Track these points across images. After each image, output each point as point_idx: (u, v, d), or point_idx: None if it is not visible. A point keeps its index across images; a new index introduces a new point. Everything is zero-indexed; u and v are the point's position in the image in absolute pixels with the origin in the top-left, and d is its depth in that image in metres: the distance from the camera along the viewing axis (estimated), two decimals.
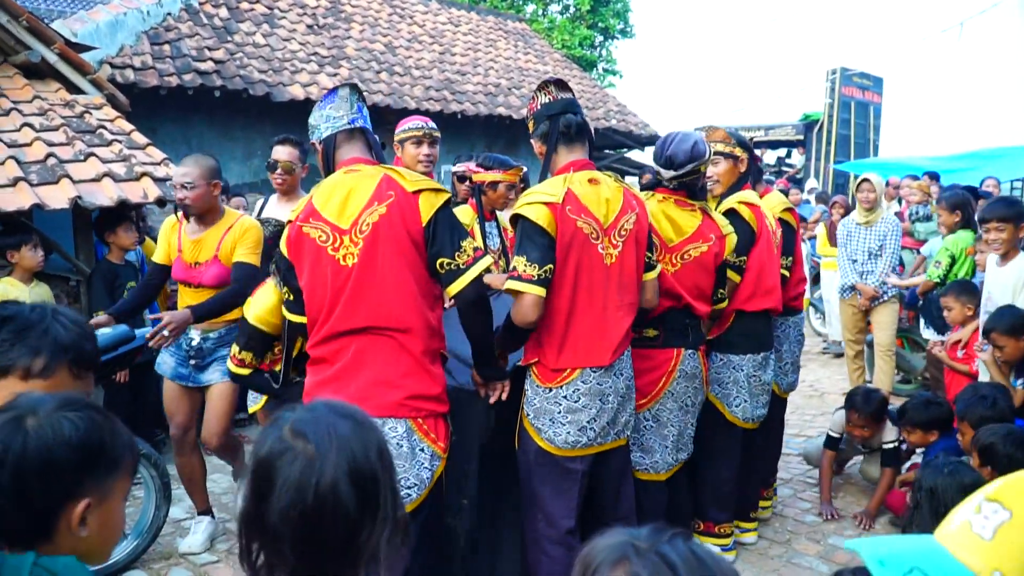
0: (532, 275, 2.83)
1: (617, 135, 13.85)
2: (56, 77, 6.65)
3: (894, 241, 6.50)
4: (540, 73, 13.99)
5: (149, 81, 8.35)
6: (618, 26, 23.14)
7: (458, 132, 11.52)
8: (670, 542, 1.03)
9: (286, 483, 1.22)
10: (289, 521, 1.22)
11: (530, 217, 2.87)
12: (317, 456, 1.24)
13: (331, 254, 2.62)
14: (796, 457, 5.47)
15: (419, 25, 13.57)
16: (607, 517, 3.19)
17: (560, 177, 2.98)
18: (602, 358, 2.98)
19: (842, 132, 17.51)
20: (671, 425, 3.54)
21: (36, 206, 4.82)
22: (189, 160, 3.98)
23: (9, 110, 5.84)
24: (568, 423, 2.96)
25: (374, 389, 2.59)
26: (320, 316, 2.66)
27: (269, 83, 9.32)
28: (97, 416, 1.35)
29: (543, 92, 3.09)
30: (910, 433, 4.44)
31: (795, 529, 4.46)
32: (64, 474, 1.28)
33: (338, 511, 1.23)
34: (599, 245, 2.95)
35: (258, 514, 1.25)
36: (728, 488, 4.00)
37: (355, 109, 2.82)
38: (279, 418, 1.32)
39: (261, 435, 1.31)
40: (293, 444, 1.25)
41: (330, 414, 1.31)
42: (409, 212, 2.62)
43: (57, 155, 5.36)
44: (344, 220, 2.62)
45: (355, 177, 2.70)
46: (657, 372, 3.49)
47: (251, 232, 4.05)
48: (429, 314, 2.69)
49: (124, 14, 9.06)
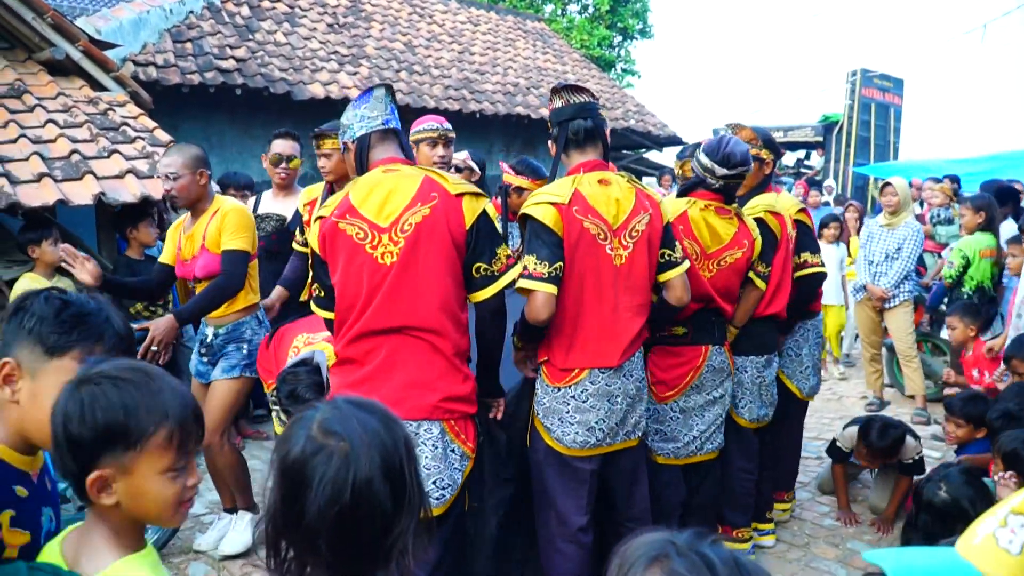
0: (542, 273, 2.84)
1: (635, 135, 13.82)
2: (80, 74, 6.72)
3: (912, 246, 6.43)
4: (559, 73, 13.98)
5: (171, 79, 8.40)
6: (637, 26, 23.08)
7: (476, 131, 11.52)
8: (712, 545, 1.03)
9: (323, 482, 1.22)
10: (326, 519, 1.22)
11: (537, 216, 2.90)
12: (352, 453, 1.24)
13: (368, 252, 2.61)
14: (815, 460, 5.45)
15: (438, 24, 13.59)
16: (620, 517, 3.21)
17: (569, 178, 3.01)
18: (611, 359, 2.99)
19: (862, 134, 17.38)
20: (695, 415, 3.58)
21: (60, 202, 4.86)
22: (172, 150, 3.88)
23: (34, 106, 5.90)
24: (576, 423, 2.98)
25: (409, 391, 2.59)
26: (352, 314, 2.66)
27: (289, 81, 9.36)
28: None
29: (557, 97, 3.11)
30: (958, 427, 4.33)
31: (813, 533, 4.45)
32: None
33: (374, 506, 1.23)
34: (607, 246, 2.96)
35: (291, 514, 1.25)
36: (746, 491, 3.99)
37: (389, 110, 2.83)
38: (303, 418, 1.32)
39: (286, 435, 1.31)
40: (325, 442, 1.26)
41: (356, 410, 1.32)
42: (453, 214, 2.63)
43: (81, 151, 5.42)
44: (383, 219, 2.62)
45: (395, 177, 2.70)
46: (686, 367, 3.54)
47: (232, 215, 3.87)
48: (461, 315, 2.71)
49: (147, 12, 9.12)
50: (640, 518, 3.21)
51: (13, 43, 6.74)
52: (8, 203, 4.65)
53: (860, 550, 4.19)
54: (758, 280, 3.76)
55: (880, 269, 6.55)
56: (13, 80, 6.18)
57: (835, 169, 17.29)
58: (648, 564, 1.01)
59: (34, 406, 1.55)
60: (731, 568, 0.99)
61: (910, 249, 6.42)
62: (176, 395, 1.46)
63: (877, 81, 17.90)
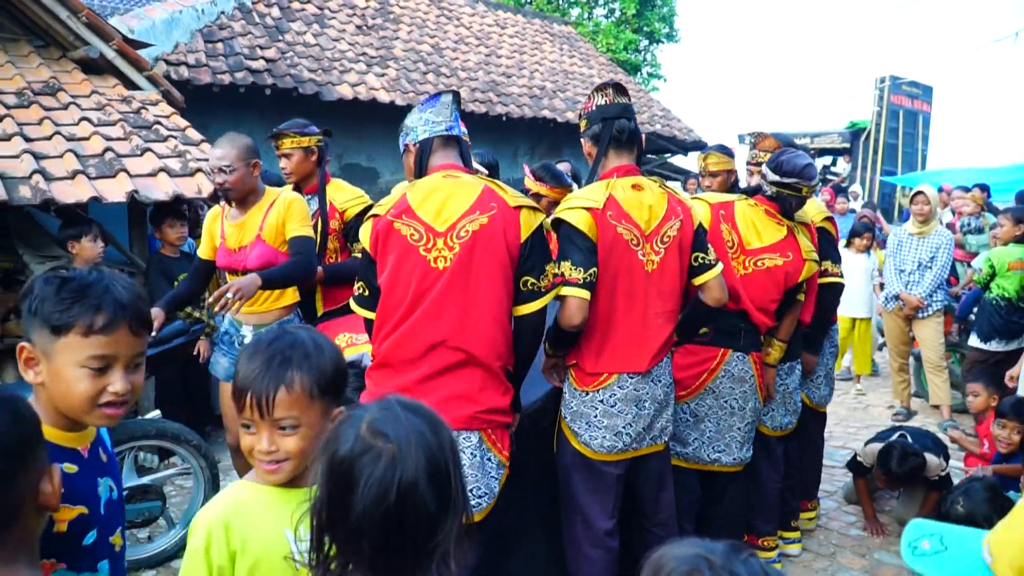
0: (577, 278, 2.84)
1: (661, 140, 13.78)
2: (113, 73, 6.78)
3: (946, 255, 6.38)
4: (585, 76, 13.97)
5: (202, 78, 8.47)
6: (663, 30, 23.04)
7: (503, 134, 11.54)
8: (745, 561, 1.01)
9: (369, 482, 1.22)
10: (371, 520, 1.22)
11: (571, 222, 2.89)
12: (399, 455, 1.24)
13: (422, 254, 2.60)
14: (841, 469, 5.41)
15: (466, 27, 13.62)
16: (647, 522, 3.21)
17: (603, 183, 2.99)
18: (640, 364, 2.99)
19: (890, 141, 17.28)
20: (709, 421, 3.55)
21: (94, 199, 4.91)
22: (224, 142, 3.80)
23: (68, 104, 5.96)
24: (604, 427, 2.98)
25: (449, 403, 2.55)
26: (396, 315, 2.63)
27: (318, 82, 9.41)
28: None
29: (600, 94, 3.08)
30: (1013, 430, 4.35)
31: (840, 542, 4.42)
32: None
33: (420, 509, 1.23)
34: (639, 252, 2.95)
35: (336, 512, 1.26)
36: (771, 499, 3.98)
37: (453, 117, 2.82)
38: (353, 416, 1.32)
39: (335, 433, 1.31)
40: (374, 443, 1.26)
41: (405, 412, 1.31)
42: (511, 226, 2.62)
43: (114, 149, 5.46)
44: (440, 223, 2.61)
45: (454, 183, 2.69)
46: (699, 368, 3.51)
47: (296, 204, 3.86)
48: (508, 326, 2.71)
49: (179, 12, 9.20)
50: (666, 523, 3.20)
51: (48, 41, 6.82)
52: (43, 199, 4.70)
53: (887, 561, 4.16)
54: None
55: (913, 278, 6.50)
56: (48, 78, 6.25)
57: (862, 176, 17.18)
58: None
59: (56, 386, 1.59)
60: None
61: (944, 258, 6.38)
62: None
63: (906, 88, 17.79)
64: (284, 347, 1.61)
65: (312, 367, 1.61)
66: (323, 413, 1.64)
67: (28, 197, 4.71)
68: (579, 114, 3.19)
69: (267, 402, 1.57)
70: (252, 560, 1.59)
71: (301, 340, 1.64)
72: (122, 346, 1.61)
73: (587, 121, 3.10)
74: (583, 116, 3.13)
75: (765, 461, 3.94)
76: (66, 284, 1.59)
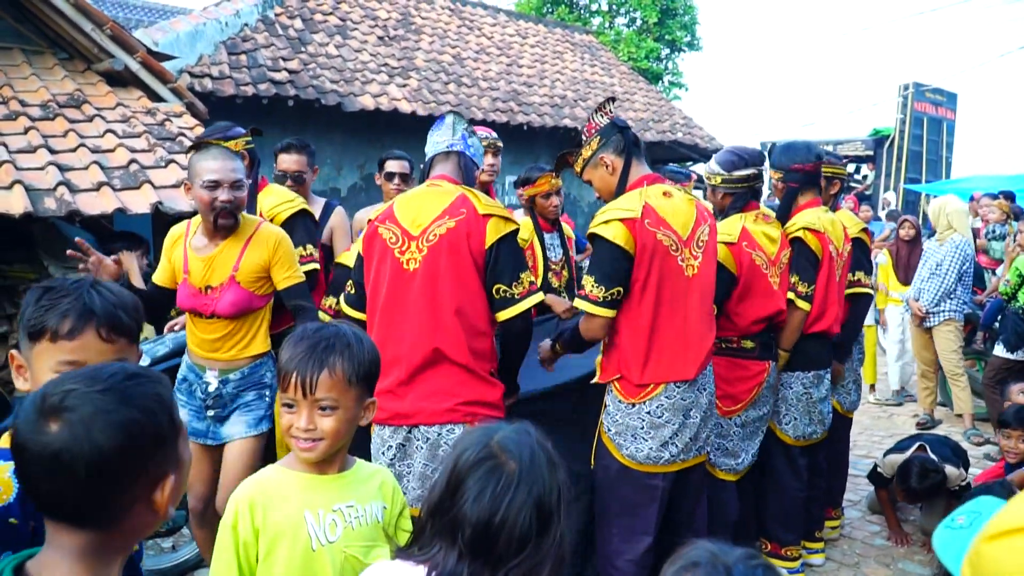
0: (598, 296, 2.88)
1: (682, 148, 13.74)
2: (138, 85, 6.85)
3: (951, 262, 6.34)
4: (606, 85, 13.97)
5: (226, 90, 8.56)
6: (685, 38, 22.96)
7: (524, 144, 11.55)
8: (752, 566, 1.05)
9: (480, 488, 1.34)
10: (472, 522, 1.32)
11: (606, 236, 2.89)
12: (516, 475, 1.35)
13: (396, 256, 2.74)
14: (865, 479, 5.36)
15: (487, 37, 13.66)
16: (679, 538, 3.16)
17: (636, 192, 2.98)
18: (687, 372, 2.97)
19: (914, 148, 17.11)
20: (751, 430, 3.63)
21: (118, 210, 4.96)
22: (224, 155, 3.13)
23: (93, 116, 6.03)
24: (651, 439, 2.96)
25: (430, 398, 2.70)
26: (377, 315, 2.80)
27: (341, 93, 9.47)
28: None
29: (601, 113, 3.12)
30: (1019, 439, 4.21)
31: (864, 552, 4.38)
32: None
33: (515, 529, 1.32)
34: (679, 257, 2.95)
35: (446, 503, 1.37)
36: (795, 508, 3.94)
37: (457, 135, 2.95)
38: (490, 427, 1.44)
39: (469, 439, 1.43)
40: (498, 455, 1.37)
41: (534, 442, 1.42)
42: (475, 232, 2.70)
43: (139, 161, 5.52)
44: (415, 227, 2.74)
45: (435, 191, 2.82)
46: (752, 382, 3.58)
47: (286, 245, 3.29)
48: (484, 326, 2.77)
49: (203, 24, 9.30)
50: (697, 534, 3.17)
51: (72, 54, 6.91)
52: (68, 211, 4.76)
53: (912, 571, 4.12)
54: (800, 301, 3.72)
55: (924, 286, 6.50)
56: (73, 90, 6.33)
57: (886, 184, 17.04)
58: (682, 569, 1.08)
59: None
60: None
61: (948, 265, 6.34)
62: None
63: (930, 95, 17.63)
64: (330, 335, 1.81)
65: (353, 356, 1.81)
66: (358, 399, 1.84)
67: (53, 209, 4.77)
68: (582, 139, 3.18)
69: (311, 382, 1.76)
70: (271, 537, 1.73)
71: (344, 332, 1.85)
72: (91, 352, 1.60)
73: (602, 137, 3.09)
74: (595, 135, 3.11)
75: (788, 470, 3.91)
76: (46, 293, 1.63)
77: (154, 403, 1.20)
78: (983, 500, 1.41)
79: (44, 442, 1.10)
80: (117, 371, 1.19)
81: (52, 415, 1.11)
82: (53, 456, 1.10)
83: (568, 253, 4.39)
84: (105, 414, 1.12)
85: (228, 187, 3.06)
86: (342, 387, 1.78)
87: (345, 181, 9.90)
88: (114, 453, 1.13)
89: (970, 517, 1.30)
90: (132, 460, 1.16)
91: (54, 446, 1.10)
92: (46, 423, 1.11)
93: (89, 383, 1.15)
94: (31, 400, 1.15)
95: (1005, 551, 1.24)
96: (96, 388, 1.14)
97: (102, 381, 1.16)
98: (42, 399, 1.13)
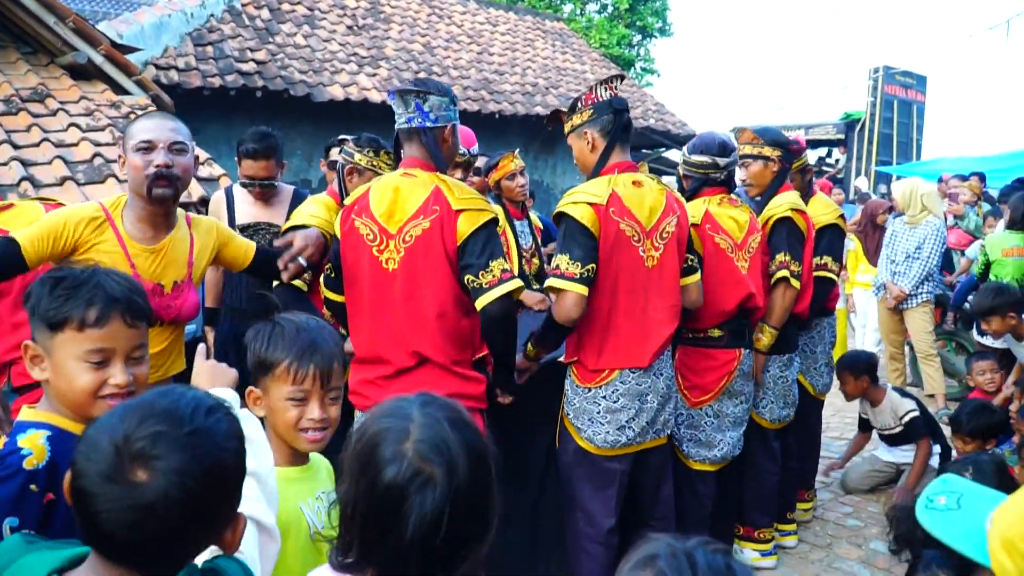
0: (574, 273, 2.84)
1: (655, 134, 13.76)
2: (102, 78, 6.78)
3: (932, 245, 6.38)
4: (578, 72, 13.95)
5: (192, 82, 8.47)
6: (656, 25, 23.01)
7: (496, 132, 11.51)
8: (710, 552, 1.02)
9: (420, 512, 1.18)
10: (412, 546, 1.18)
11: (574, 216, 2.88)
12: (447, 479, 1.20)
13: (375, 254, 2.66)
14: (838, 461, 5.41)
15: (457, 25, 13.60)
16: (646, 518, 3.20)
17: (604, 178, 2.97)
18: (641, 359, 2.99)
19: (884, 131, 17.24)
20: (728, 421, 3.57)
21: None
22: (162, 116, 2.69)
23: (56, 110, 5.95)
24: (607, 423, 2.97)
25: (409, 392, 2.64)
26: (359, 314, 2.75)
27: (309, 83, 9.40)
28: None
29: (605, 87, 3.04)
30: (966, 443, 4.12)
31: (836, 533, 4.41)
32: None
33: (459, 534, 1.21)
34: (640, 248, 2.95)
35: (376, 535, 1.22)
36: (771, 492, 3.97)
37: (411, 108, 2.74)
38: (391, 430, 1.26)
39: (374, 451, 1.25)
40: (422, 467, 1.21)
41: (452, 429, 1.27)
42: (448, 230, 2.62)
43: (103, 155, 5.45)
44: (392, 225, 2.66)
45: (410, 183, 2.70)
46: (721, 371, 3.51)
47: (234, 242, 2.97)
48: (468, 322, 2.73)
49: (168, 16, 9.19)
50: (665, 517, 3.22)
51: (36, 48, 6.81)
52: None
53: (884, 551, 4.15)
54: (794, 280, 3.72)
55: (900, 268, 6.52)
56: (36, 84, 6.24)
57: (857, 167, 17.16)
58: (639, 565, 1.02)
59: (59, 381, 1.66)
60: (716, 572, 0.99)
61: (929, 248, 6.38)
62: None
63: (899, 78, 17.76)
64: (316, 327, 1.89)
65: (337, 344, 1.91)
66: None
67: None
68: (577, 105, 3.08)
69: (328, 373, 1.84)
70: (280, 533, 1.71)
71: (318, 322, 1.94)
72: (119, 339, 1.66)
73: (594, 112, 3.02)
74: (587, 107, 3.03)
75: (763, 453, 3.93)
76: (59, 283, 1.65)
77: (236, 440, 1.18)
78: (950, 479, 1.42)
79: (134, 494, 1.04)
80: (195, 407, 1.14)
81: (139, 462, 1.05)
82: (146, 508, 1.04)
83: (537, 242, 4.37)
84: (198, 461, 1.08)
85: (165, 149, 2.55)
86: (341, 374, 1.90)
87: (316, 172, 9.81)
88: (208, 499, 1.10)
89: (952, 497, 1.32)
90: (221, 503, 1.14)
91: (146, 498, 1.04)
92: (133, 471, 1.05)
93: (174, 425, 1.09)
94: (101, 440, 1.07)
95: None
96: (184, 431, 1.09)
97: (187, 422, 1.10)
98: (124, 442, 1.06)
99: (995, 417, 4.13)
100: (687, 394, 3.51)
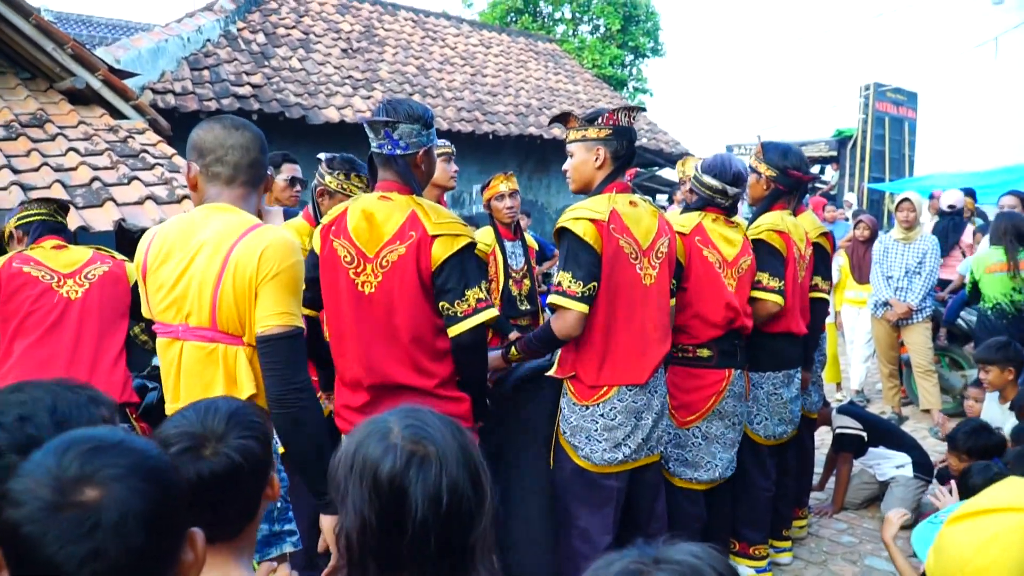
0: (576, 292, 2.88)
1: (648, 153, 13.86)
2: (100, 103, 6.84)
3: (933, 259, 6.44)
4: (571, 93, 14.06)
5: (189, 106, 8.53)
6: (648, 45, 23.15)
7: (489, 152, 11.60)
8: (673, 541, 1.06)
9: (425, 489, 1.26)
10: (427, 527, 1.26)
11: (576, 232, 2.91)
12: (442, 455, 1.29)
13: (352, 277, 2.63)
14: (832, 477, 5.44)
15: (451, 47, 13.71)
16: (640, 534, 3.20)
17: (604, 196, 3.02)
18: (640, 376, 3.02)
19: (876, 148, 17.34)
20: (718, 443, 3.58)
21: (81, 228, 4.94)
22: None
23: (55, 135, 6.00)
24: (604, 440, 3.00)
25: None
26: (339, 338, 2.72)
27: (305, 106, 9.47)
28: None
29: (626, 115, 3.06)
30: (962, 461, 4.04)
31: (831, 550, 4.44)
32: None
33: (463, 504, 1.29)
34: (638, 266, 3.01)
35: (389, 530, 1.27)
36: (763, 508, 3.99)
37: (381, 136, 2.72)
38: (372, 433, 1.33)
39: (364, 454, 1.30)
40: (416, 449, 1.29)
41: (430, 413, 1.37)
42: (423, 256, 2.59)
43: (102, 179, 5.50)
44: (370, 248, 2.62)
45: (388, 206, 2.67)
46: (708, 391, 3.53)
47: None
48: (445, 346, 2.68)
49: (165, 41, 9.27)
50: (659, 533, 3.21)
51: (34, 73, 6.88)
52: None
53: (878, 567, 4.18)
54: (771, 295, 3.73)
55: (901, 284, 6.53)
56: (35, 110, 6.30)
57: (850, 184, 17.25)
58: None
59: None
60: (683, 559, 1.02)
61: (931, 263, 6.42)
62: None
63: (891, 95, 17.87)
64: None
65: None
66: None
67: None
68: (597, 120, 3.06)
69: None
70: None
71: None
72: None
73: (612, 133, 3.03)
74: (609, 126, 3.03)
75: (756, 470, 3.96)
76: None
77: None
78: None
79: (88, 517, 0.93)
80: (104, 431, 1.09)
81: (83, 481, 0.95)
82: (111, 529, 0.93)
83: (530, 262, 4.41)
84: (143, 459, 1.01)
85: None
86: None
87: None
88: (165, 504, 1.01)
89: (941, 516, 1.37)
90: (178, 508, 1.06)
91: (106, 517, 0.93)
92: (79, 491, 0.94)
93: (101, 440, 1.02)
94: (27, 482, 0.95)
95: (963, 532, 1.31)
96: (113, 441, 1.02)
97: (109, 436, 1.04)
98: (59, 468, 0.96)
99: (993, 439, 4.13)
100: (675, 414, 3.53)
